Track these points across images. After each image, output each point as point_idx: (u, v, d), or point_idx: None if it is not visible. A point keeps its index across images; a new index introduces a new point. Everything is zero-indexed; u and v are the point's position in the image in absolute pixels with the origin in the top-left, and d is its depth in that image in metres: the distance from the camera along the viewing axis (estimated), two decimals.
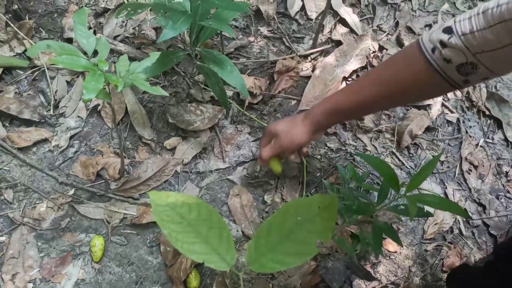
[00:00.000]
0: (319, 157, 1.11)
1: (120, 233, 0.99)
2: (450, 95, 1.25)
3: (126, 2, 1.29)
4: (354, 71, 1.24)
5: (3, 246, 0.95)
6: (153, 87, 0.66)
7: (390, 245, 1.02)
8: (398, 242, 0.73)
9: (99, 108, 1.11)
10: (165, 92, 0.67)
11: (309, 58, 1.26)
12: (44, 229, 0.97)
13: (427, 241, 1.03)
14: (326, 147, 1.13)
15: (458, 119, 1.21)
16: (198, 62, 0.99)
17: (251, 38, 1.28)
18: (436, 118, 1.20)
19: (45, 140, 1.07)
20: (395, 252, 1.01)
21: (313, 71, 1.22)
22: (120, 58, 0.71)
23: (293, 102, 1.19)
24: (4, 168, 1.03)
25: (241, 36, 1.28)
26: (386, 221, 1.00)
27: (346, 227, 0.98)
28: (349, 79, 1.24)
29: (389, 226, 0.73)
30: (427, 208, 0.72)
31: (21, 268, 0.92)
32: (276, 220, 0.46)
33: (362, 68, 1.26)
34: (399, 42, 1.34)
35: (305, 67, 1.24)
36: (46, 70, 1.14)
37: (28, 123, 1.08)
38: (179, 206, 0.50)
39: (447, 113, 1.22)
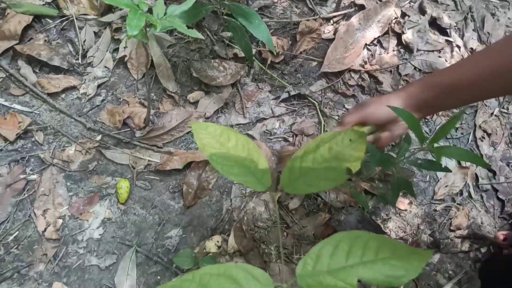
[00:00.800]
0: (337, 117, 1.14)
1: (145, 178, 1.04)
2: None
3: None
4: (375, 39, 1.26)
5: (34, 184, 1.00)
6: (189, 30, 0.68)
7: (401, 203, 1.06)
8: (413, 194, 0.77)
9: (126, 59, 1.14)
10: (200, 35, 0.70)
11: (331, 21, 1.27)
12: (73, 170, 1.03)
13: (437, 202, 1.08)
14: (344, 109, 1.16)
15: None
16: (225, 17, 1.02)
17: None
18: None
19: (74, 88, 1.11)
20: (405, 210, 1.06)
21: (334, 34, 1.24)
22: (157, 2, 0.73)
23: (314, 63, 1.21)
24: (35, 111, 1.07)
25: None
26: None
27: (361, 183, 1.02)
28: (370, 45, 1.26)
29: (406, 179, 0.77)
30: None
31: (51, 205, 0.98)
32: (310, 149, 0.50)
33: (383, 34, 1.27)
34: (421, 10, 1.34)
35: (327, 30, 1.25)
36: (75, 20, 1.17)
37: (57, 70, 1.12)
38: (219, 135, 0.54)
39: None
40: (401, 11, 1.31)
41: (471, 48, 1.30)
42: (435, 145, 0.64)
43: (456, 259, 1.02)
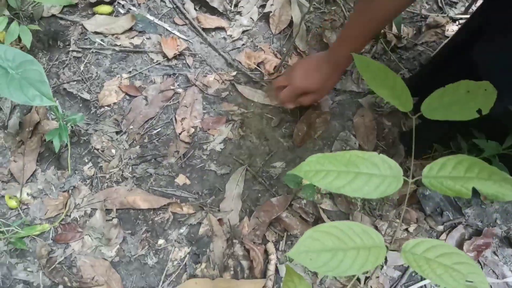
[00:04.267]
0: None
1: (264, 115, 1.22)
2: None
3: None
4: None
5: (179, 96, 1.22)
6: None
7: (484, 196, 1.14)
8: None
9: (270, 14, 1.33)
10: None
11: (457, 22, 1.36)
12: (209, 94, 1.24)
13: None
14: None
15: None
16: None
17: None
18: None
19: (222, 29, 1.32)
20: (486, 203, 1.14)
21: None
22: None
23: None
24: (190, 40, 1.30)
25: None
26: None
27: None
28: None
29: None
30: None
31: (189, 115, 1.20)
32: (450, 90, 0.64)
33: None
34: None
35: (451, 29, 1.35)
36: None
37: (212, 11, 1.34)
38: (376, 70, 0.69)
39: None
40: None
41: None
42: None
43: None
